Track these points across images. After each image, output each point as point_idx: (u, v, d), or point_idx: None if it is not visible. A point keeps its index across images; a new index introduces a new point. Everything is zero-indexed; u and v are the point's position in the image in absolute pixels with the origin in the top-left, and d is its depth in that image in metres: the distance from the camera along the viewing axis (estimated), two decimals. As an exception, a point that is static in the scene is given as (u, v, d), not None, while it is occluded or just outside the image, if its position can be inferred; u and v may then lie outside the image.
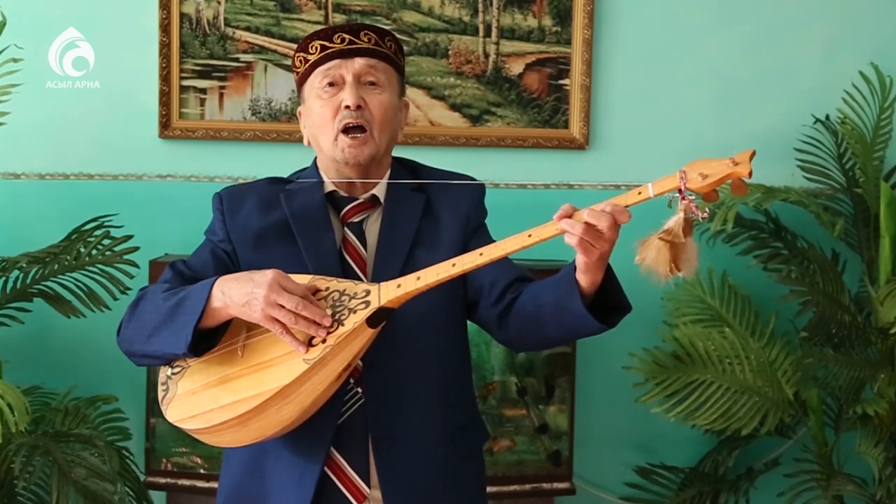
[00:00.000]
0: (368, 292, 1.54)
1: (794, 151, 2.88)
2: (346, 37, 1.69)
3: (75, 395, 2.67)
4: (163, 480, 2.64)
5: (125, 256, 2.60)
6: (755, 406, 2.66)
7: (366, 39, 1.69)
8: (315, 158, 1.78)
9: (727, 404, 2.65)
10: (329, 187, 1.73)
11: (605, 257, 1.46)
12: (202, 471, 2.62)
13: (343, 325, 1.51)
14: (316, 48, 1.69)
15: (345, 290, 1.56)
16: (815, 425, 2.71)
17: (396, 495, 1.62)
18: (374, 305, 1.52)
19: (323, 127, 1.68)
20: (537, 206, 2.88)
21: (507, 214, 1.87)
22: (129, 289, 2.61)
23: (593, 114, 2.94)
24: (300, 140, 2.95)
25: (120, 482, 2.41)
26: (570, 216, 1.43)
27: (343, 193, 1.73)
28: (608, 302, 1.53)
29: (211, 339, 1.57)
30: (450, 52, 2.90)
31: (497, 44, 2.91)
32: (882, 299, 2.60)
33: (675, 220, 1.41)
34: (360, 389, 1.63)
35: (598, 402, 2.93)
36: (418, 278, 1.52)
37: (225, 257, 1.71)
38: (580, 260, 1.46)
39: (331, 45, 1.69)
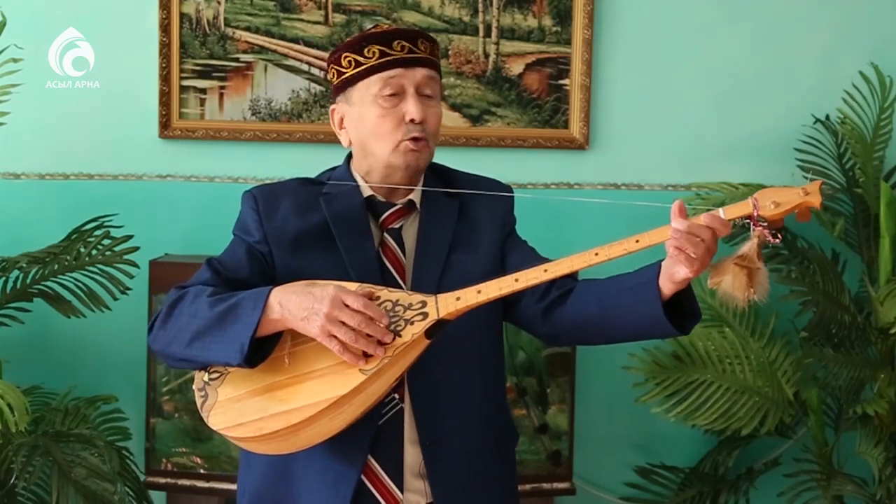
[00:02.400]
0: (424, 303, 1.53)
1: (794, 151, 2.88)
2: (406, 45, 1.66)
3: (75, 395, 2.67)
4: (163, 480, 2.64)
5: (125, 256, 2.60)
6: (755, 406, 2.66)
7: (423, 48, 1.67)
8: (347, 161, 1.76)
9: (727, 404, 2.65)
10: (366, 192, 1.71)
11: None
12: (202, 471, 2.62)
13: (400, 336, 1.50)
14: (374, 53, 1.65)
15: (398, 301, 1.54)
16: (815, 425, 2.71)
17: (446, 498, 1.63)
18: (432, 317, 1.52)
19: (381, 136, 1.65)
20: (537, 206, 2.87)
21: (506, 214, 1.87)
22: (129, 289, 2.61)
23: (593, 114, 2.94)
24: (300, 140, 2.97)
25: (120, 482, 2.41)
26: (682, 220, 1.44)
27: (381, 198, 1.71)
28: (680, 307, 1.55)
29: (263, 349, 1.53)
30: (450, 52, 2.90)
31: (497, 44, 2.91)
32: (882, 299, 2.60)
33: (749, 246, 1.46)
34: (397, 395, 1.62)
35: (598, 402, 2.93)
36: (479, 292, 1.53)
37: (261, 258, 1.67)
38: (682, 274, 1.46)
39: (391, 51, 1.65)
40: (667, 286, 1.50)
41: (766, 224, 1.45)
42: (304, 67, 2.88)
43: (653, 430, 2.95)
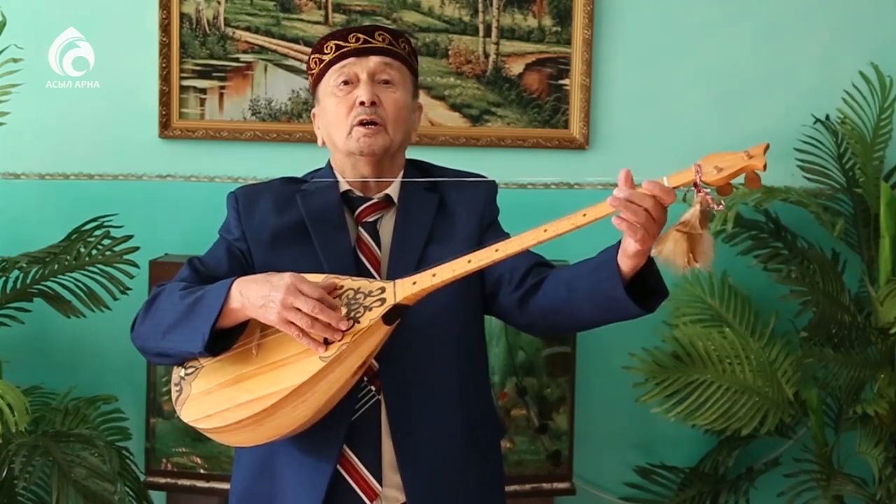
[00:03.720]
0: (383, 290, 1.55)
1: (794, 151, 2.88)
2: (361, 36, 1.71)
3: (75, 395, 2.67)
4: (163, 480, 2.64)
5: (125, 256, 2.60)
6: (755, 406, 2.66)
7: (380, 39, 1.71)
8: (329, 159, 1.79)
9: (727, 404, 2.65)
10: (344, 187, 1.74)
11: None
12: (202, 471, 2.62)
13: (359, 322, 1.52)
14: (331, 48, 1.71)
15: (359, 289, 1.56)
16: (815, 425, 2.71)
17: (419, 491, 1.63)
18: (389, 302, 1.53)
19: (337, 124, 1.70)
20: (537, 206, 2.88)
21: (507, 214, 1.87)
22: (129, 289, 2.61)
23: (593, 114, 2.94)
24: (300, 140, 2.97)
25: (120, 482, 2.41)
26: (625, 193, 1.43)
27: (357, 193, 1.74)
28: (646, 286, 1.54)
29: (228, 339, 1.57)
30: (450, 52, 2.90)
31: (497, 44, 2.91)
32: (882, 299, 2.60)
33: (691, 213, 1.44)
34: (373, 387, 1.63)
35: (598, 402, 2.93)
36: (433, 275, 1.53)
37: (240, 256, 1.71)
38: (631, 246, 1.46)
39: (346, 44, 1.71)
40: (624, 262, 1.50)
41: (709, 191, 1.42)
42: (304, 67, 2.88)
43: (653, 430, 2.95)
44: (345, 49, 1.70)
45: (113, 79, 2.86)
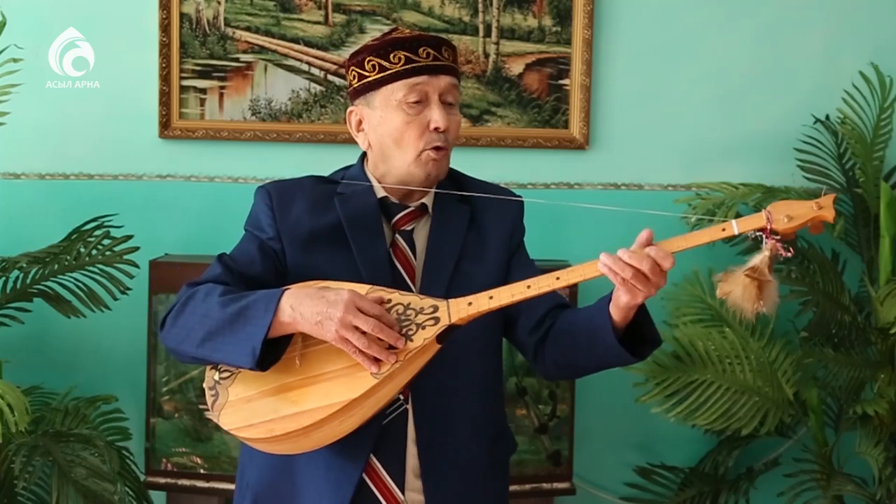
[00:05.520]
0: (436, 308, 1.54)
1: (794, 151, 2.88)
2: (432, 52, 1.66)
3: (75, 395, 2.67)
4: (163, 480, 2.64)
5: (125, 256, 2.60)
6: (755, 406, 2.66)
7: (446, 56, 1.68)
8: (362, 161, 1.76)
9: (727, 404, 2.65)
10: (380, 193, 1.71)
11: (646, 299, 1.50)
12: (202, 471, 2.61)
13: (412, 340, 1.51)
14: (399, 59, 1.64)
15: (409, 304, 1.55)
16: (815, 425, 2.71)
17: (440, 501, 1.63)
18: (444, 322, 1.52)
19: (403, 143, 1.66)
20: (537, 206, 2.87)
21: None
22: (129, 289, 2.61)
23: (593, 114, 2.94)
24: (300, 140, 2.97)
25: (120, 482, 2.41)
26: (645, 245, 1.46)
27: (394, 200, 1.71)
28: (638, 333, 1.57)
29: (274, 351, 1.54)
30: (450, 52, 2.90)
31: (497, 44, 2.91)
32: (882, 299, 2.60)
33: (761, 259, 1.47)
34: (401, 396, 1.63)
35: (598, 402, 2.93)
36: (491, 297, 1.53)
37: (273, 255, 1.67)
38: (622, 300, 1.49)
39: (417, 58, 1.65)
40: (615, 312, 1.53)
41: (778, 237, 1.46)
42: (304, 67, 2.88)
43: (653, 430, 2.95)
44: (417, 64, 1.64)
45: (113, 79, 2.86)
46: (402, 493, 1.63)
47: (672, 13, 2.95)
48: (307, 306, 1.48)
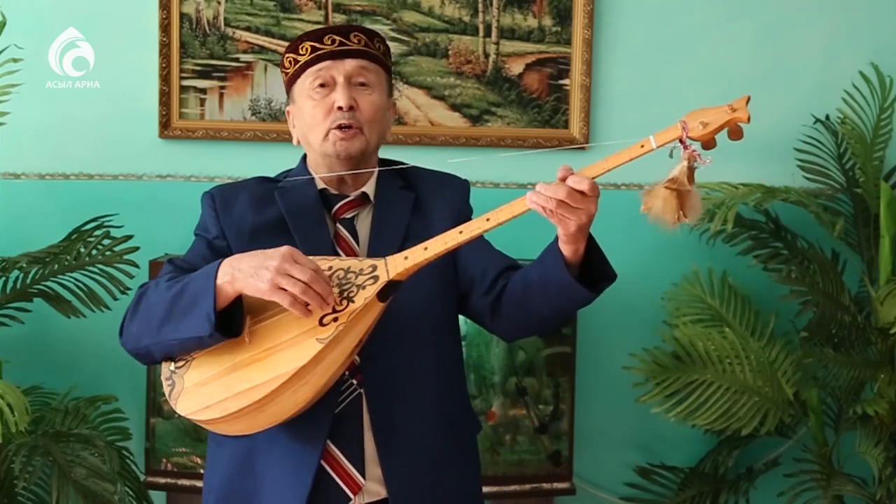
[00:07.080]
0: (375, 267, 1.56)
1: (794, 151, 2.88)
2: (337, 38, 1.72)
3: (75, 395, 2.67)
4: (163, 480, 2.64)
5: (125, 256, 2.60)
6: (755, 406, 2.66)
7: (356, 41, 1.72)
8: (303, 158, 1.81)
9: (727, 404, 2.65)
10: (320, 185, 1.76)
11: (585, 228, 1.49)
12: (202, 471, 2.61)
13: (353, 301, 1.52)
14: (306, 49, 1.72)
15: (349, 268, 1.57)
16: (815, 425, 2.71)
17: (400, 484, 1.63)
18: (382, 279, 1.54)
19: (314, 126, 1.71)
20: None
21: (507, 214, 1.87)
22: (129, 289, 2.61)
23: (593, 114, 2.94)
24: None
25: (120, 482, 2.41)
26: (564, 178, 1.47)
27: (333, 191, 1.75)
28: (594, 273, 1.56)
29: (232, 323, 1.54)
30: (450, 52, 2.90)
31: (497, 44, 2.91)
32: (882, 299, 2.60)
33: (679, 169, 1.47)
34: (354, 381, 1.64)
35: (598, 402, 2.93)
36: (426, 248, 1.54)
37: (220, 253, 1.70)
38: (559, 231, 1.50)
39: (321, 46, 1.72)
40: (564, 249, 1.53)
41: (695, 146, 1.45)
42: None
43: (653, 430, 2.95)
44: (321, 51, 1.71)
45: (113, 79, 2.86)
46: (364, 479, 1.63)
47: (672, 13, 2.95)
48: (245, 262, 1.52)
